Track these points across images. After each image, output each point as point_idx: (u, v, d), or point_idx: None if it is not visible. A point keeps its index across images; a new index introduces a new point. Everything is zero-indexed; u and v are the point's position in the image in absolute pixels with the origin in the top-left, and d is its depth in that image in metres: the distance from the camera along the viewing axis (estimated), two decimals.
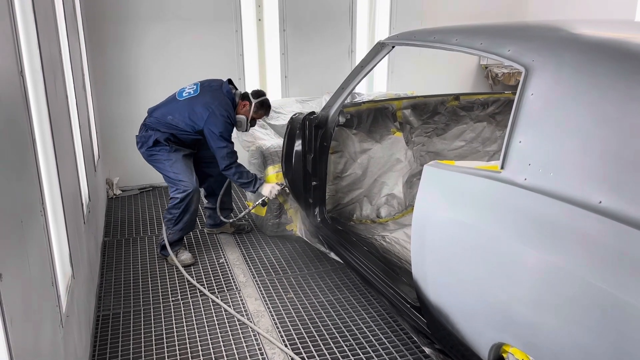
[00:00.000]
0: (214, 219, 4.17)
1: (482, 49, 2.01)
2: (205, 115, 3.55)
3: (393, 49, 2.76)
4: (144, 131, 3.70)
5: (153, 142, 3.63)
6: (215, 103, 3.59)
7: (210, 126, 3.54)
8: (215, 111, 3.55)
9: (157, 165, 3.71)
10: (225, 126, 3.58)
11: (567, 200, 1.48)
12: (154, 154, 3.66)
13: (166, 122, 3.63)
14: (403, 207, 3.84)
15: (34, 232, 1.66)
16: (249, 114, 3.75)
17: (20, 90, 1.68)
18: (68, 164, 2.57)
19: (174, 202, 3.64)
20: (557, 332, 1.50)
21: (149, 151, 3.66)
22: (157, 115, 3.68)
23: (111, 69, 5.05)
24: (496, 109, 4.02)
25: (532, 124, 1.67)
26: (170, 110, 3.66)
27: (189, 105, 3.62)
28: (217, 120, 3.54)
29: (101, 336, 2.88)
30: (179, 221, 3.66)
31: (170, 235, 3.69)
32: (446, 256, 1.95)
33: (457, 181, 1.91)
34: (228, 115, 3.59)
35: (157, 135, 3.63)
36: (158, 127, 3.65)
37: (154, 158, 3.68)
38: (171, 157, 3.64)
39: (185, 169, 3.66)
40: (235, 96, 3.74)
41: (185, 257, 3.70)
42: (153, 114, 3.72)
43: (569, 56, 1.68)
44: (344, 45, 5.78)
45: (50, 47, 2.41)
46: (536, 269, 1.56)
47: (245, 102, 3.74)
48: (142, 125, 3.75)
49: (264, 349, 2.74)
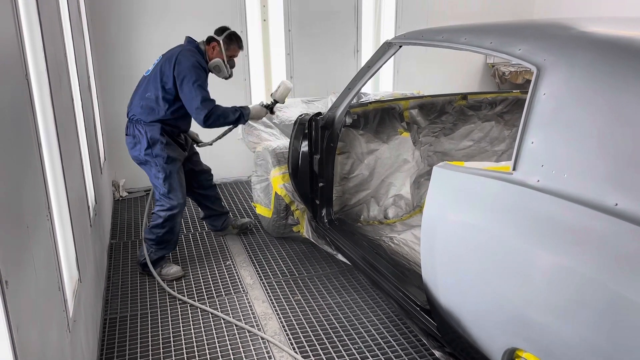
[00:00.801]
0: (215, 226, 4.07)
1: (492, 48, 1.98)
2: (172, 66, 3.25)
3: (400, 48, 2.74)
4: (132, 129, 3.40)
5: (148, 143, 3.33)
6: (179, 52, 3.32)
7: (183, 76, 3.22)
8: (181, 59, 3.26)
9: (149, 172, 3.45)
10: (198, 72, 3.26)
11: (581, 203, 1.44)
12: (149, 161, 3.38)
13: (148, 107, 3.33)
14: (411, 208, 3.81)
15: (40, 236, 1.64)
16: (222, 54, 3.45)
17: (25, 93, 1.66)
18: (74, 167, 2.56)
19: (157, 221, 3.41)
20: (572, 337, 1.47)
21: (145, 156, 3.37)
22: (136, 102, 3.41)
23: (116, 71, 5.04)
24: (504, 108, 3.98)
25: (544, 124, 1.64)
26: (142, 90, 3.39)
27: (155, 73, 3.36)
28: (187, 68, 3.23)
29: (108, 339, 2.87)
30: (162, 241, 3.46)
31: (152, 254, 3.45)
32: (457, 258, 1.92)
33: (467, 183, 1.88)
34: (197, 60, 3.30)
35: (150, 132, 3.33)
36: (143, 117, 3.34)
37: (149, 165, 3.41)
38: (166, 169, 3.37)
39: (178, 184, 3.43)
40: (200, 45, 3.46)
41: (174, 271, 3.49)
42: (132, 103, 3.45)
43: (581, 55, 1.65)
44: (349, 45, 5.75)
45: (55, 49, 2.40)
46: (550, 272, 1.52)
47: (213, 43, 3.45)
48: (129, 122, 3.44)
49: (272, 352, 2.72)
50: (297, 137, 3.51)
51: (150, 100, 3.34)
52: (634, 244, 1.31)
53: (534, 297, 1.57)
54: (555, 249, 1.50)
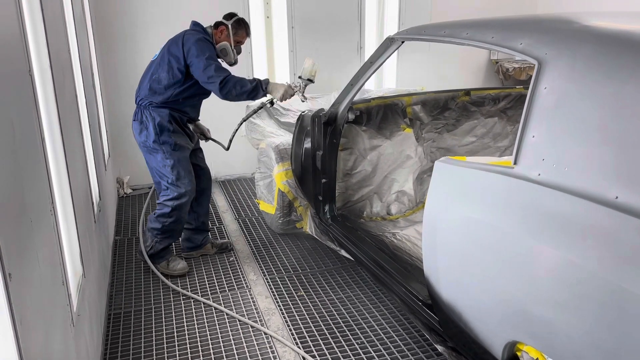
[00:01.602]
0: (193, 241, 3.74)
1: (494, 43, 1.98)
2: (181, 45, 3.21)
3: (403, 44, 2.73)
4: (140, 114, 3.33)
5: (157, 127, 3.26)
6: (185, 32, 3.31)
7: (192, 51, 3.16)
8: (189, 37, 3.22)
9: (156, 162, 3.34)
10: (207, 46, 3.21)
11: (582, 196, 1.45)
12: (156, 148, 3.30)
13: (156, 89, 3.27)
14: (414, 204, 3.81)
15: (44, 231, 1.65)
16: (229, 38, 3.39)
17: (28, 89, 1.68)
18: (78, 163, 2.57)
19: (163, 210, 3.35)
20: (573, 330, 1.47)
21: (153, 143, 3.28)
22: (144, 84, 3.35)
23: (121, 69, 5.06)
24: (507, 104, 3.97)
25: (545, 118, 1.64)
26: (149, 72, 3.36)
27: (163, 54, 3.31)
28: (195, 42, 3.18)
29: (112, 335, 2.89)
30: (168, 230, 3.40)
31: (157, 244, 3.42)
32: (458, 253, 1.92)
33: (469, 177, 1.89)
34: (205, 37, 3.27)
35: (158, 117, 3.25)
36: (152, 98, 3.28)
37: (155, 154, 3.32)
38: (174, 156, 3.31)
39: (187, 171, 3.38)
40: (207, 28, 3.40)
41: (181, 267, 3.46)
42: (141, 87, 3.39)
43: (583, 49, 1.65)
44: (352, 42, 5.75)
45: (58, 45, 2.41)
46: (550, 266, 1.53)
47: (222, 27, 3.39)
48: (137, 107, 3.38)
49: (275, 347, 2.73)
50: (300, 134, 3.51)
51: (159, 82, 3.29)
52: (635, 237, 1.31)
53: (535, 291, 1.57)
54: (556, 243, 1.50)
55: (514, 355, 1.78)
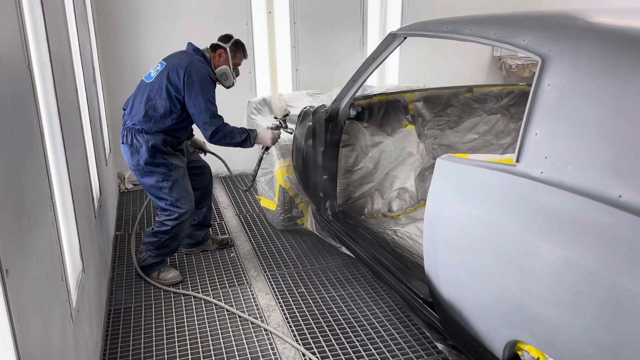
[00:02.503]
0: (194, 238, 3.71)
1: (497, 39, 1.96)
2: (183, 75, 3.10)
3: (405, 40, 2.71)
4: (131, 137, 3.16)
5: (149, 151, 3.13)
6: (189, 63, 3.15)
7: (193, 89, 3.10)
8: (192, 71, 3.11)
9: (151, 183, 3.21)
10: (209, 87, 3.15)
11: (585, 194, 1.43)
12: (151, 171, 3.18)
13: (152, 117, 3.14)
14: (415, 201, 3.79)
15: (43, 226, 1.65)
16: (228, 62, 3.33)
17: (27, 83, 1.67)
18: (78, 158, 2.56)
19: (162, 228, 3.25)
20: (574, 329, 1.46)
21: (146, 165, 3.15)
22: (136, 110, 3.17)
23: (122, 63, 5.05)
24: (510, 101, 3.95)
25: (548, 115, 1.62)
26: (144, 97, 3.16)
27: (160, 80, 3.15)
28: (198, 81, 3.10)
29: (112, 330, 2.89)
30: (164, 246, 3.32)
31: (149, 258, 3.34)
32: (459, 251, 1.91)
33: (470, 175, 1.87)
34: (207, 73, 3.18)
35: (151, 140, 3.13)
36: (145, 126, 3.14)
37: (150, 176, 3.19)
38: (171, 176, 3.19)
39: (185, 190, 3.26)
40: (205, 52, 3.33)
41: (172, 276, 3.35)
42: (132, 111, 3.20)
43: (587, 46, 1.63)
44: (355, 38, 5.72)
45: (59, 40, 2.40)
46: (553, 264, 1.51)
47: (220, 50, 3.31)
48: (127, 130, 3.19)
49: (275, 344, 2.73)
50: (301, 130, 3.50)
51: (155, 110, 3.15)
52: (638, 236, 1.30)
53: (536, 290, 1.56)
54: (558, 241, 1.49)
55: (515, 355, 1.77)
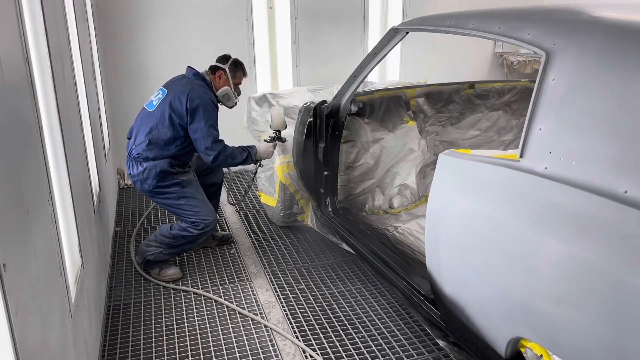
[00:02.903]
0: None
1: (500, 34, 1.94)
2: (185, 101, 3.11)
3: (407, 34, 2.69)
4: (138, 166, 3.20)
5: (159, 176, 3.17)
6: (190, 89, 3.16)
7: (196, 115, 3.12)
8: (194, 97, 3.12)
9: (169, 202, 3.24)
10: (211, 112, 3.17)
11: (590, 190, 1.41)
12: (164, 192, 3.22)
13: (156, 145, 3.17)
14: (416, 198, 3.78)
15: (41, 221, 1.63)
16: (229, 82, 3.34)
17: (25, 76, 1.65)
18: (77, 153, 2.55)
19: (184, 233, 3.24)
20: (578, 326, 1.44)
21: (157, 189, 3.19)
22: (141, 140, 3.20)
23: (122, 59, 5.03)
24: (512, 97, 3.93)
25: (553, 110, 1.60)
26: (147, 126, 3.20)
27: (163, 108, 3.18)
28: (201, 106, 3.12)
29: (112, 326, 2.87)
30: (178, 247, 3.31)
31: (160, 254, 3.30)
32: (462, 247, 1.89)
33: (473, 170, 1.85)
34: (209, 97, 3.20)
35: (159, 165, 3.17)
36: (150, 154, 3.17)
37: (165, 197, 3.23)
38: (186, 193, 3.22)
39: (202, 201, 3.28)
40: (205, 75, 3.34)
41: (172, 272, 3.33)
42: (136, 141, 3.24)
43: (592, 40, 1.61)
44: (356, 33, 5.70)
45: (58, 34, 2.38)
46: (557, 260, 1.50)
47: (219, 72, 3.32)
48: (132, 160, 3.23)
49: (275, 340, 2.72)
50: (302, 126, 3.48)
51: (159, 138, 3.17)
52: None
53: (540, 286, 1.54)
54: (562, 237, 1.47)
55: (518, 352, 1.75)
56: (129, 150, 3.29)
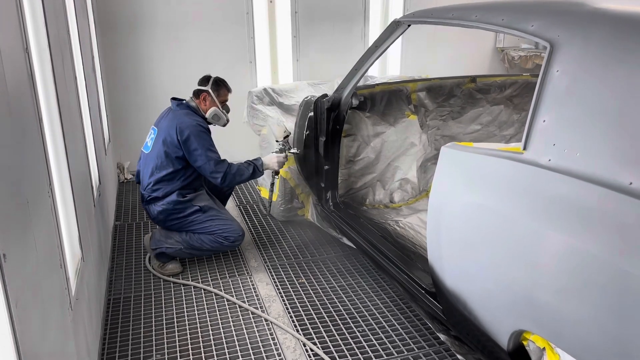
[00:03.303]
0: None
1: (504, 25, 1.92)
2: (174, 135, 3.17)
3: (409, 27, 2.68)
4: (155, 207, 3.28)
5: (176, 210, 3.24)
6: (176, 120, 3.22)
7: (190, 143, 3.17)
8: (183, 127, 3.17)
9: (198, 228, 3.29)
10: (203, 136, 3.21)
11: (595, 182, 1.40)
12: (189, 221, 3.27)
13: (162, 183, 3.24)
14: (417, 192, 3.77)
15: (41, 212, 1.62)
16: (215, 102, 3.36)
17: (25, 67, 1.63)
18: (77, 145, 2.53)
19: (215, 245, 3.30)
20: (583, 318, 1.43)
21: (180, 221, 3.27)
22: (147, 183, 3.29)
23: (122, 53, 5.00)
24: (514, 92, 3.91)
25: (557, 102, 1.59)
26: (149, 169, 3.28)
27: (158, 148, 3.24)
28: (192, 134, 3.17)
29: (112, 319, 2.87)
30: (199, 251, 3.34)
31: (180, 252, 3.32)
32: (464, 240, 1.88)
33: (476, 163, 1.84)
34: (197, 122, 3.23)
35: (172, 201, 3.24)
36: (160, 193, 3.25)
37: (192, 225, 3.29)
38: (210, 216, 3.29)
39: (228, 218, 3.36)
40: (189, 102, 3.38)
41: (172, 266, 3.33)
42: (144, 185, 3.32)
43: (596, 30, 1.59)
44: (357, 28, 5.67)
45: (57, 26, 2.36)
46: (561, 253, 1.49)
47: (203, 94, 3.34)
48: (147, 204, 3.32)
49: (275, 334, 2.71)
50: (302, 119, 3.46)
51: (164, 177, 3.25)
52: None
53: (544, 279, 1.54)
54: (566, 230, 1.46)
55: (520, 345, 1.75)
56: (141, 195, 3.38)
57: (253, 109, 4.47)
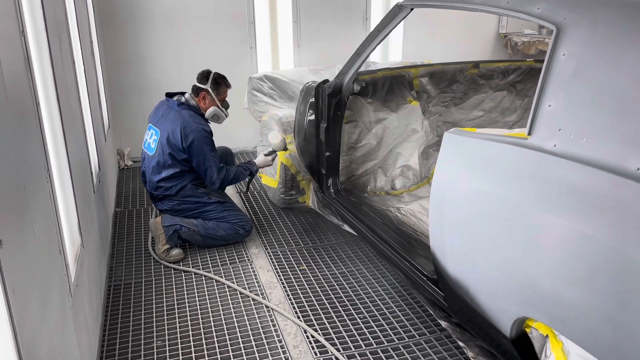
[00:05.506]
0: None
1: (509, 8, 1.88)
2: (179, 137, 3.20)
3: (412, 11, 2.63)
4: (171, 200, 3.35)
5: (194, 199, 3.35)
6: (180, 121, 3.22)
7: (195, 148, 3.22)
8: (188, 132, 3.20)
9: (215, 215, 3.39)
10: (206, 141, 3.25)
11: (601, 167, 1.38)
12: (208, 210, 3.38)
13: (170, 180, 3.31)
14: (418, 179, 3.74)
15: (39, 198, 1.60)
16: (214, 101, 3.36)
17: (22, 51, 1.60)
18: (75, 130, 2.51)
19: (232, 233, 3.40)
20: (587, 305, 1.42)
21: (202, 207, 3.37)
22: (155, 184, 3.35)
23: (121, 38, 4.95)
24: (517, 78, 3.86)
25: (563, 86, 1.56)
26: (155, 169, 3.32)
27: (162, 152, 3.27)
28: (197, 139, 3.20)
29: (112, 306, 2.86)
30: (213, 239, 3.39)
31: (193, 235, 3.35)
32: (467, 227, 1.86)
33: (480, 149, 1.82)
34: (201, 126, 3.26)
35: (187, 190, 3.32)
36: (169, 192, 3.33)
37: (209, 213, 3.38)
38: (227, 207, 3.43)
39: (241, 211, 3.53)
40: (190, 100, 3.36)
41: (176, 253, 3.32)
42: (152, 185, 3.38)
43: (604, 13, 1.56)
44: (358, 12, 5.61)
45: (55, 9, 2.32)
46: (565, 239, 1.47)
47: (202, 93, 3.34)
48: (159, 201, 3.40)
49: (276, 320, 2.71)
50: (303, 106, 3.43)
51: (173, 176, 3.31)
52: None
53: (548, 266, 1.52)
54: (571, 216, 1.44)
55: (523, 332, 1.73)
56: (150, 193, 3.47)
57: (253, 95, 4.44)
